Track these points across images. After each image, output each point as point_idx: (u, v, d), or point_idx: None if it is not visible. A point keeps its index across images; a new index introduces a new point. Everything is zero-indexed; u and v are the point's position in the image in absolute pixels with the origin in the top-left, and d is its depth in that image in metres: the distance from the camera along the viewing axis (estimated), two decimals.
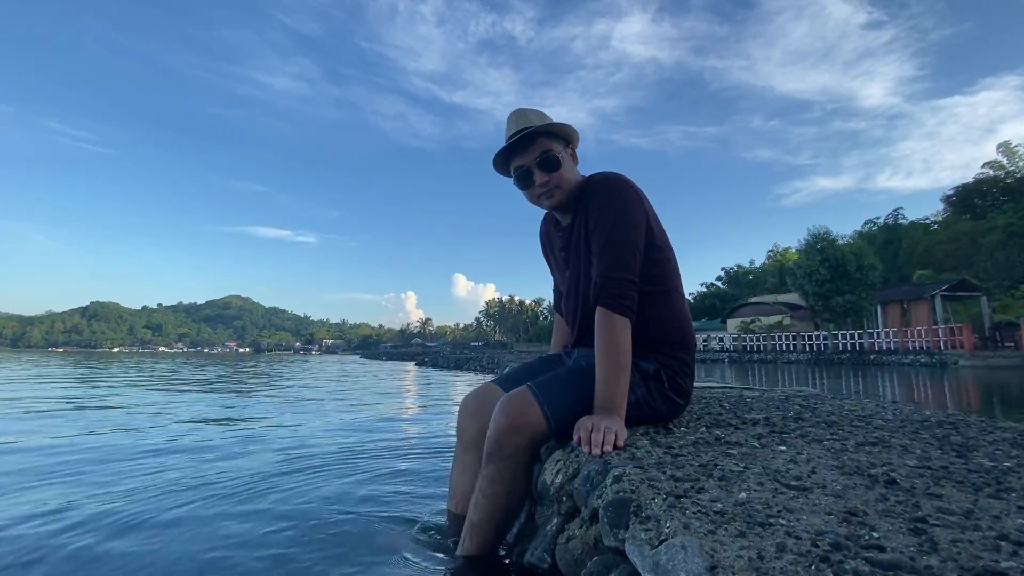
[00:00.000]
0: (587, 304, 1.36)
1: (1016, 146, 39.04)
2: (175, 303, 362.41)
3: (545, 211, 1.61)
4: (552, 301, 1.76)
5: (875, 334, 22.71)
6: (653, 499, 0.74)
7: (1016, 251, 28.93)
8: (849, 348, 22.94)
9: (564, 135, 1.40)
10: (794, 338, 25.81)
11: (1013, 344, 18.46)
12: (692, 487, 0.79)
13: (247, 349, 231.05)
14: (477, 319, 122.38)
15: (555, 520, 1.02)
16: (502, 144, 1.41)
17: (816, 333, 25.10)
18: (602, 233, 1.27)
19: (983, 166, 40.47)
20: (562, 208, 1.42)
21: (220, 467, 2.51)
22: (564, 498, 1.03)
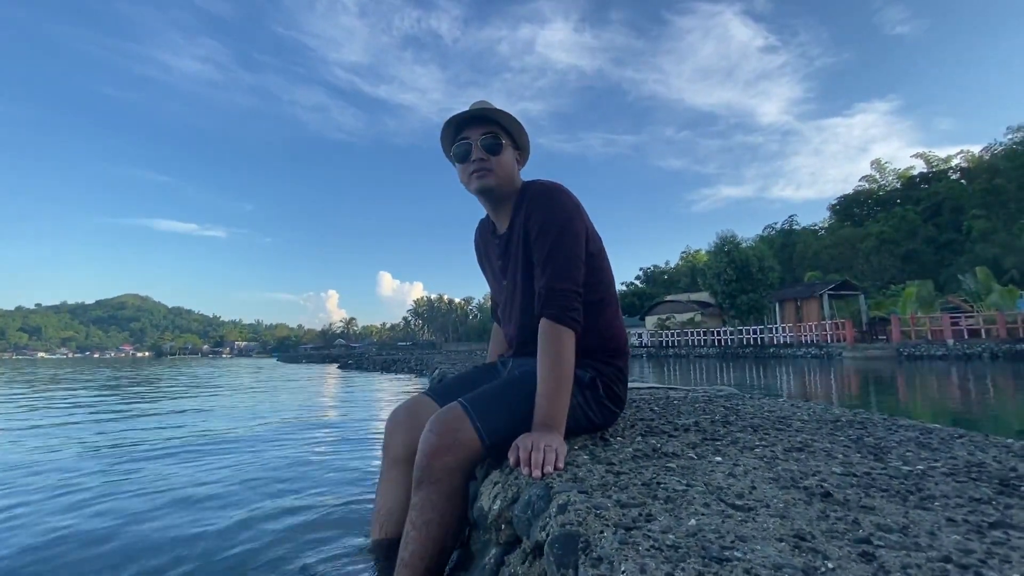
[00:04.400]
0: (526, 314, 1.31)
1: (885, 163, 44.79)
2: (58, 303, 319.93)
3: (480, 220, 1.55)
4: (490, 308, 1.70)
5: (774, 329, 24.90)
6: (602, 532, 0.69)
7: (887, 256, 33.10)
8: (752, 343, 24.99)
9: (516, 135, 1.38)
10: (705, 334, 27.67)
11: (885, 337, 21.05)
12: (640, 514, 0.74)
13: (147, 353, 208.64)
14: (405, 318, 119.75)
15: (493, 551, 0.95)
16: (438, 140, 1.38)
17: (723, 329, 27.08)
18: (546, 243, 1.23)
19: (860, 180, 46.01)
20: (489, 198, 1.38)
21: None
22: (503, 526, 0.96)
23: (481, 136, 1.31)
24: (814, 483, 0.89)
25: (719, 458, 1.08)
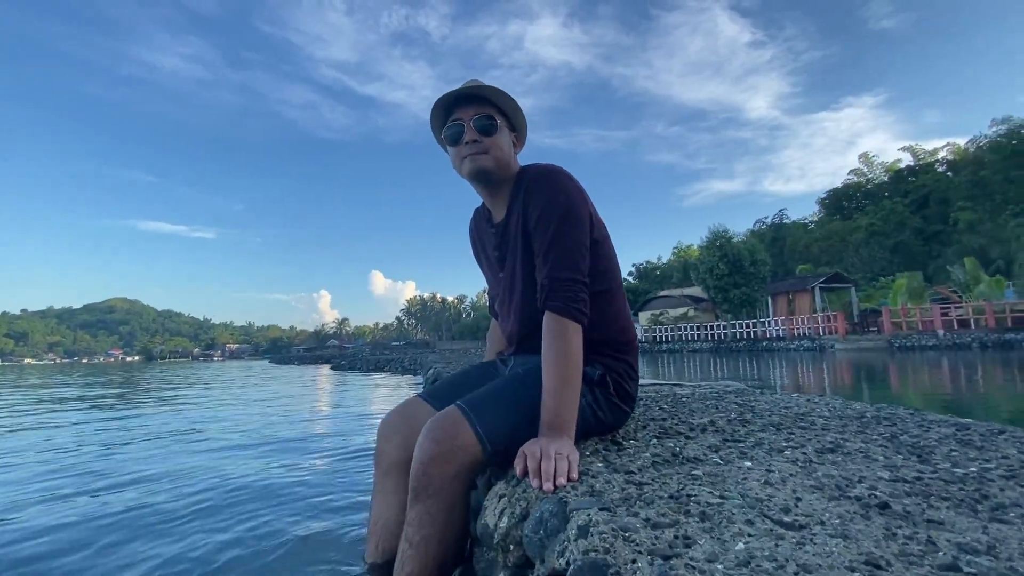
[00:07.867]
0: (527, 307, 1.20)
1: (873, 156, 45.11)
2: (44, 308, 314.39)
3: (475, 209, 1.44)
4: (487, 303, 1.58)
5: (767, 323, 25.00)
6: (635, 562, 0.58)
7: (876, 248, 33.34)
8: (745, 336, 25.08)
9: (512, 115, 1.26)
10: (698, 328, 27.74)
11: (876, 328, 21.19)
12: (676, 536, 0.64)
13: (136, 357, 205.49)
14: (398, 318, 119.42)
15: (502, 575, 0.84)
16: (428, 138, 1.28)
17: (717, 323, 27.15)
18: (547, 231, 1.12)
19: (849, 173, 46.30)
20: (484, 182, 1.25)
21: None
22: (511, 546, 0.85)
23: (474, 116, 1.19)
24: (864, 491, 0.78)
25: (748, 463, 0.97)
